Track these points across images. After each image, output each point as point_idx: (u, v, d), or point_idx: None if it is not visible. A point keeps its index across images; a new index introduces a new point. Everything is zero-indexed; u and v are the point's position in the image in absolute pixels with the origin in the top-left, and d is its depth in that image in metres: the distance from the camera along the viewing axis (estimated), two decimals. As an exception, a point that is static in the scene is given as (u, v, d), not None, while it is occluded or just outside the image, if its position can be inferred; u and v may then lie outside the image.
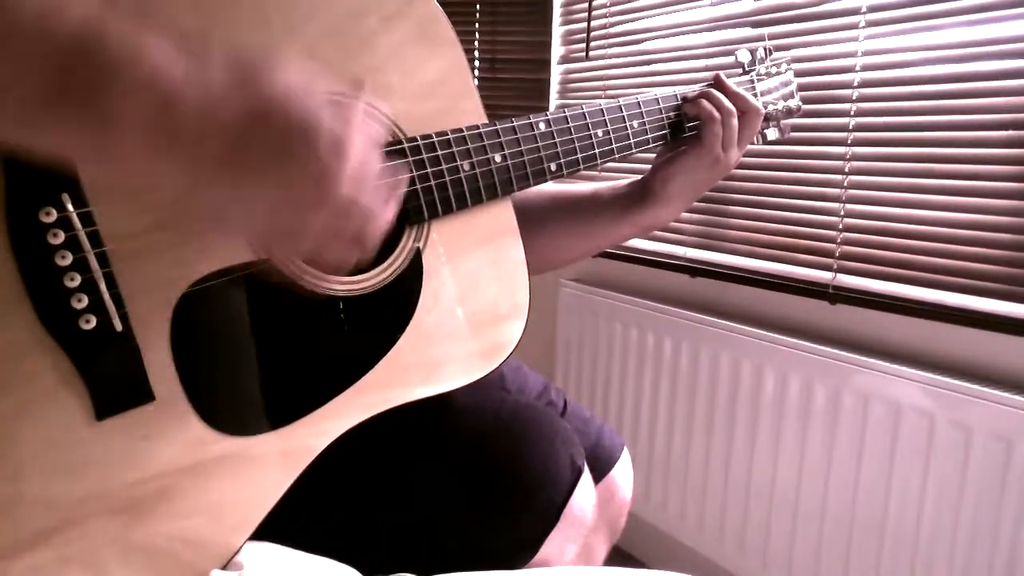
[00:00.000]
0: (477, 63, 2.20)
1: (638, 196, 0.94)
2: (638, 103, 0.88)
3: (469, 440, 0.80)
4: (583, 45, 2.02)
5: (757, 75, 1.03)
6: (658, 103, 0.90)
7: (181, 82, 0.44)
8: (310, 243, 0.52)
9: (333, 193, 0.49)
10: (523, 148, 0.77)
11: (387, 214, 0.53)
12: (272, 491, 0.63)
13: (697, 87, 0.94)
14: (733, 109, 0.91)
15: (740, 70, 1.03)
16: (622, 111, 0.86)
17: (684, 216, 1.77)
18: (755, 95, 1.00)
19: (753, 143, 1.05)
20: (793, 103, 1.06)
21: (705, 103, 0.90)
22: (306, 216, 0.50)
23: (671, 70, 1.80)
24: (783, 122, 1.06)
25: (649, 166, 0.96)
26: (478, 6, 2.17)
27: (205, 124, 0.45)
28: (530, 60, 2.15)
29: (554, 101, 2.13)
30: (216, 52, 0.46)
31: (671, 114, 0.91)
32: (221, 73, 0.46)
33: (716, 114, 0.90)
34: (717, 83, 0.94)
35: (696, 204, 1.74)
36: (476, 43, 2.19)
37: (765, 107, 1.01)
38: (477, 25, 2.19)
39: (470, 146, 0.72)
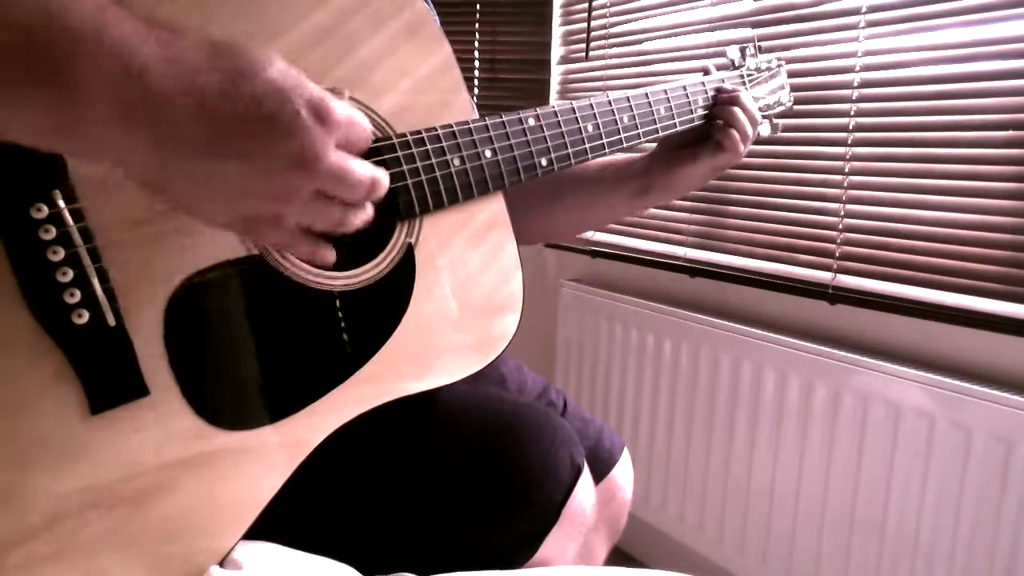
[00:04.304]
0: (477, 63, 2.20)
1: (641, 188, 0.97)
2: (627, 98, 0.88)
3: (469, 439, 0.79)
4: (583, 45, 2.02)
5: (747, 71, 1.03)
6: (647, 98, 0.90)
7: (149, 52, 0.43)
8: (290, 226, 0.50)
9: (314, 170, 0.47)
10: (513, 143, 0.77)
11: (372, 190, 0.51)
12: (268, 486, 0.62)
13: (690, 81, 0.94)
14: (758, 119, 0.96)
15: (731, 67, 1.03)
16: (611, 106, 0.86)
17: (684, 216, 1.77)
18: (746, 91, 1.01)
19: None
20: (784, 97, 1.06)
21: (739, 113, 0.93)
22: (284, 198, 0.48)
23: (671, 70, 1.80)
24: (774, 119, 1.06)
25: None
26: (478, 6, 2.17)
27: (175, 95, 0.43)
28: (530, 60, 2.15)
29: (554, 101, 2.12)
30: (189, 33, 0.45)
31: (660, 109, 0.91)
32: (194, 49, 0.45)
33: (749, 129, 0.94)
34: (732, 95, 0.96)
35: (696, 204, 1.74)
36: (476, 43, 2.19)
37: (756, 100, 1.02)
38: (477, 25, 2.19)
39: (459, 141, 0.72)
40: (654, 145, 0.98)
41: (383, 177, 0.52)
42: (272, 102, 0.45)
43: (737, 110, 0.94)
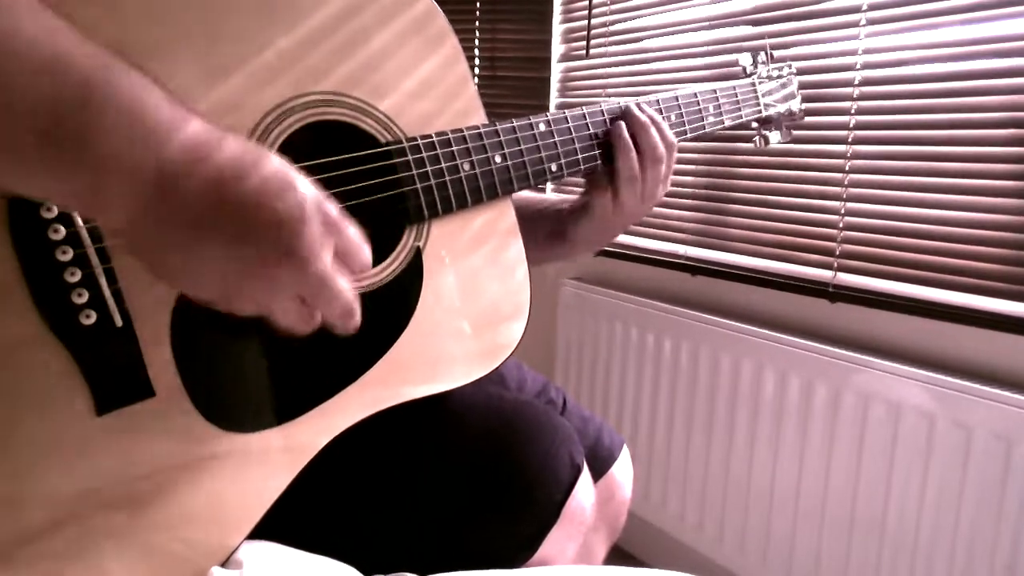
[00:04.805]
0: (477, 61, 2.20)
1: (558, 233, 0.92)
2: (638, 105, 0.88)
3: (468, 438, 0.79)
4: (583, 43, 2.02)
5: (759, 78, 1.03)
6: (658, 104, 0.89)
7: (180, 142, 0.45)
8: (264, 310, 0.51)
9: (304, 268, 0.48)
10: (523, 148, 0.77)
11: (346, 302, 0.52)
12: (272, 489, 0.62)
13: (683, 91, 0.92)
14: (660, 155, 0.85)
15: (742, 74, 1.04)
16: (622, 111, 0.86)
17: (684, 215, 1.78)
18: (757, 99, 1.01)
19: (755, 145, 1.06)
20: (795, 106, 1.07)
21: (632, 159, 0.83)
22: (267, 291, 0.49)
23: (671, 68, 1.80)
24: (785, 126, 1.07)
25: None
26: (478, 4, 2.17)
27: (194, 182, 0.45)
28: (530, 58, 2.15)
29: (554, 99, 2.13)
30: (218, 126, 0.47)
31: (672, 116, 0.90)
32: (222, 149, 0.46)
33: (638, 173, 0.84)
34: (633, 123, 0.84)
35: (696, 203, 1.74)
36: (476, 41, 2.19)
37: (767, 108, 1.02)
38: (477, 23, 2.18)
39: (470, 145, 0.72)
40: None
41: (357, 316, 0.53)
42: (286, 208, 0.47)
43: (621, 124, 0.84)
